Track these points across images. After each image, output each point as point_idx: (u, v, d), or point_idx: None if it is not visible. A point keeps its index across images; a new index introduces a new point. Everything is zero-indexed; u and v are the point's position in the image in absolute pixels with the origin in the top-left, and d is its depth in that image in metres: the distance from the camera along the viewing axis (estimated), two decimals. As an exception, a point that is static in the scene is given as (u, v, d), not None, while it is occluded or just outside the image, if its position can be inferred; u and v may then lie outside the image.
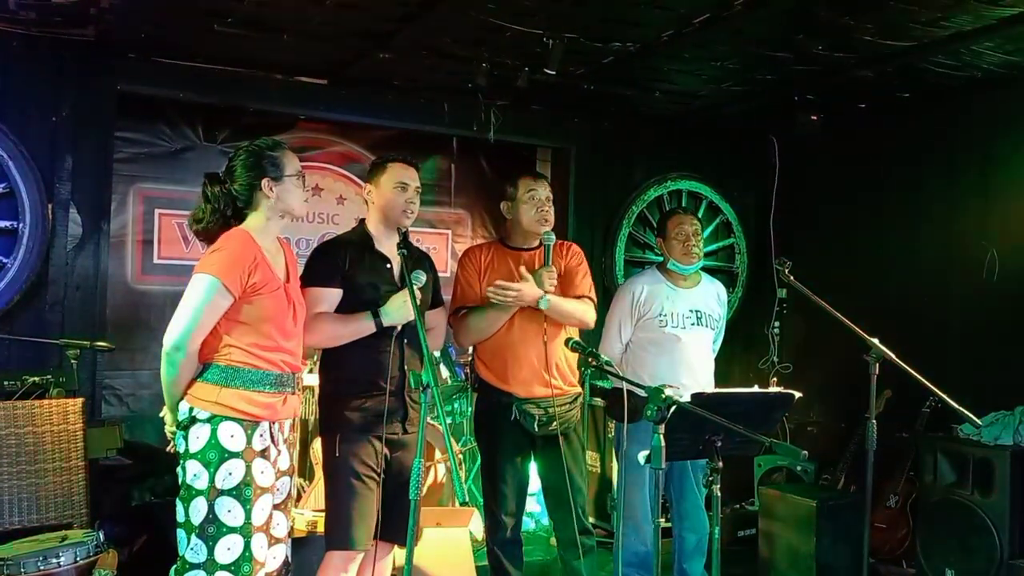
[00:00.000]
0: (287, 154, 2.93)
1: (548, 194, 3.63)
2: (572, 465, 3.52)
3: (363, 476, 3.09)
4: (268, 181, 2.85)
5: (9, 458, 3.15)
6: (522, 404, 3.50)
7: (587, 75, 4.81)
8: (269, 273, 2.83)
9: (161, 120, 5.43)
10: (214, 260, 2.74)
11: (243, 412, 2.76)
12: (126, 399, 5.37)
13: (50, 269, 4.46)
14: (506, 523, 3.56)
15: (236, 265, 2.73)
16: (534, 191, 3.61)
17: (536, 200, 3.60)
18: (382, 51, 4.44)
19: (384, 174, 3.26)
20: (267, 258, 2.85)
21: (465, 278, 3.64)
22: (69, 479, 3.26)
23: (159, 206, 5.49)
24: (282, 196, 2.88)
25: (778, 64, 4.52)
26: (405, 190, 3.22)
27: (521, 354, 3.51)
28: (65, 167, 4.50)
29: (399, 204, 3.21)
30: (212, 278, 2.71)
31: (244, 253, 2.77)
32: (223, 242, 2.80)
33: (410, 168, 3.29)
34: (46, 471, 3.22)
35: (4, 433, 3.15)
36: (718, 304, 4.18)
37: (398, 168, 3.26)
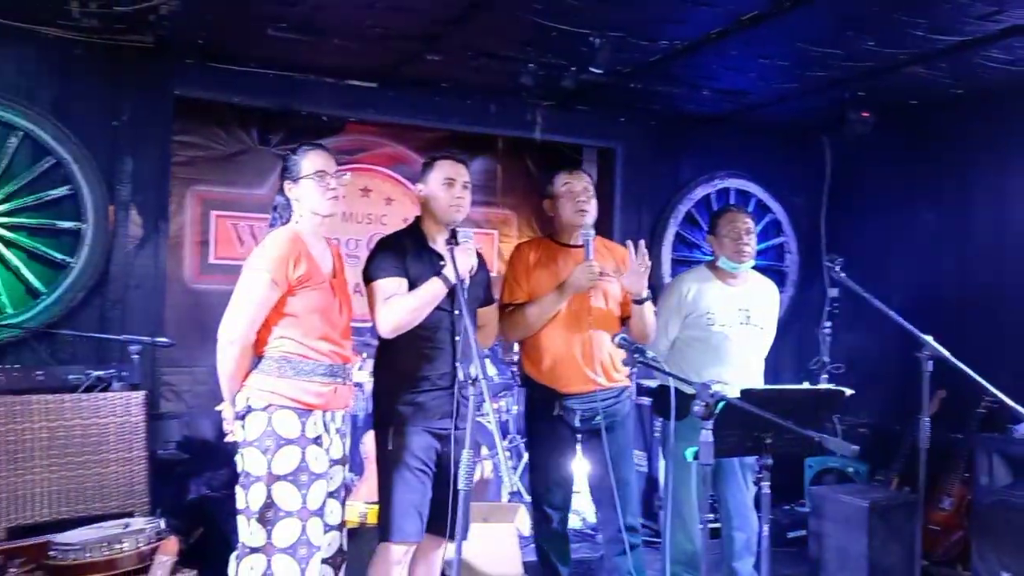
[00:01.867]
0: (307, 156, 3.00)
1: (585, 186, 3.65)
2: (617, 460, 3.54)
3: (415, 469, 3.15)
4: (288, 183, 2.98)
5: (75, 448, 3.27)
6: (565, 399, 3.54)
7: (634, 74, 4.82)
8: (314, 267, 2.93)
9: (217, 124, 5.57)
10: (260, 256, 2.86)
11: (297, 401, 2.85)
12: (184, 395, 5.51)
13: (112, 268, 4.60)
14: (552, 517, 3.60)
15: (282, 259, 2.84)
16: (569, 184, 3.64)
17: (572, 193, 3.63)
18: (430, 53, 4.51)
19: (433, 171, 3.31)
20: (312, 254, 2.94)
21: (512, 274, 3.68)
22: (131, 469, 3.37)
23: (215, 208, 5.64)
24: (302, 197, 2.98)
25: (828, 61, 4.49)
26: (452, 185, 3.26)
27: (565, 350, 3.54)
28: (125, 170, 4.64)
29: (447, 199, 3.25)
30: (260, 273, 2.82)
31: (289, 248, 2.87)
32: (269, 239, 2.92)
33: (458, 164, 3.32)
34: (109, 461, 3.33)
35: (71, 424, 3.27)
36: (770, 303, 4.15)
37: (446, 164, 3.30)
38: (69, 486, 3.26)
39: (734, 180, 6.16)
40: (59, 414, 3.28)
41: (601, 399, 3.53)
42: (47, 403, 3.28)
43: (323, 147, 3.06)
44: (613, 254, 3.74)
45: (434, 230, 3.32)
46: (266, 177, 5.71)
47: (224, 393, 2.93)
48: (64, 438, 3.27)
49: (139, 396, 3.46)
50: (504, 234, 6.43)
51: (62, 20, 4.20)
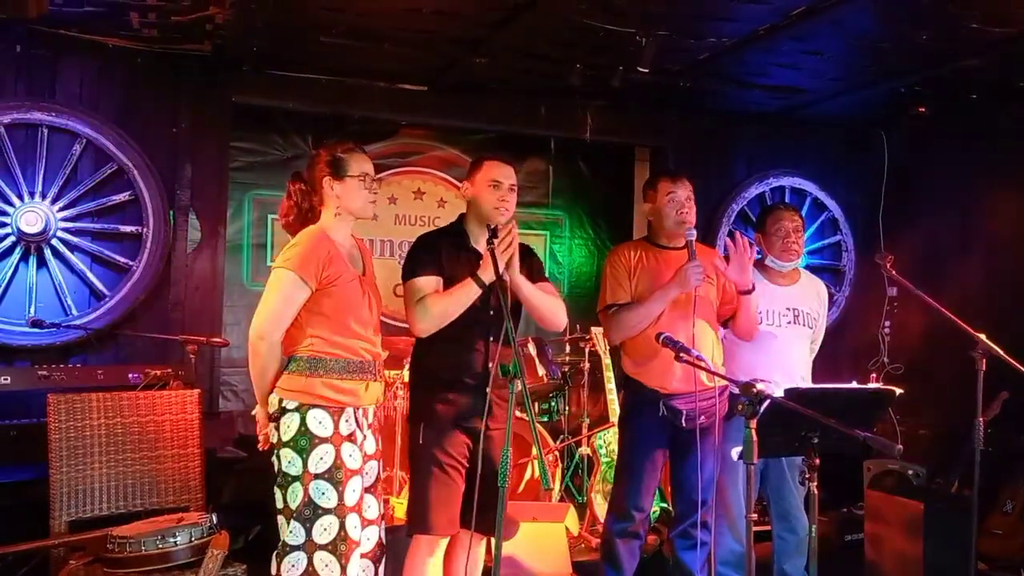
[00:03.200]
0: (355, 156, 3.04)
1: (688, 194, 3.67)
2: (709, 458, 3.54)
3: (445, 464, 3.17)
4: (330, 179, 2.99)
5: (133, 444, 3.38)
6: (670, 399, 3.54)
7: (682, 72, 4.79)
8: (343, 266, 2.96)
9: (272, 130, 5.70)
10: (290, 255, 2.90)
11: (329, 399, 2.90)
12: (242, 394, 5.63)
13: (172, 271, 4.75)
14: (633, 516, 3.61)
15: (311, 259, 2.88)
16: (673, 193, 3.66)
17: (676, 202, 3.65)
18: (477, 56, 4.55)
19: (479, 172, 3.32)
20: (341, 252, 2.98)
21: (614, 275, 3.70)
22: (186, 465, 3.47)
23: (272, 211, 5.75)
24: (343, 195, 3.00)
25: (881, 55, 4.41)
26: (498, 187, 3.26)
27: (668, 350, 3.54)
28: (185, 175, 4.79)
29: (491, 201, 3.25)
30: (289, 272, 2.87)
31: (318, 247, 2.91)
32: (298, 238, 2.97)
33: (505, 166, 3.33)
34: (165, 457, 3.44)
35: (129, 421, 3.39)
36: (818, 303, 4.10)
37: (493, 165, 3.31)
38: (127, 481, 3.37)
39: (788, 178, 6.07)
40: (117, 411, 3.39)
41: (704, 399, 3.55)
42: (106, 400, 3.39)
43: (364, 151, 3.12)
44: (708, 257, 3.75)
45: (477, 230, 3.34)
46: (321, 182, 5.81)
47: (256, 393, 2.98)
48: (122, 434, 3.38)
49: (194, 394, 3.56)
50: (555, 236, 6.44)
51: (123, 31, 4.35)
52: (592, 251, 6.52)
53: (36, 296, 4.44)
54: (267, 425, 2.95)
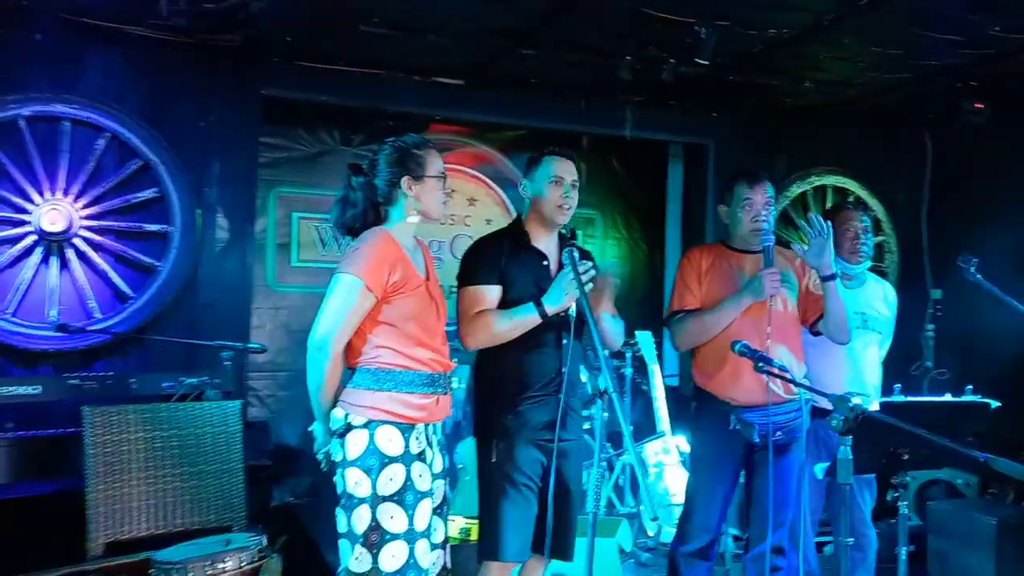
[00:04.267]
0: (431, 153, 2.84)
1: (766, 199, 3.44)
2: (785, 478, 3.32)
3: (520, 484, 2.97)
4: (409, 180, 2.77)
5: (172, 460, 3.16)
6: (742, 413, 3.34)
7: (734, 65, 4.59)
8: (410, 271, 2.75)
9: (299, 124, 5.48)
10: (355, 259, 2.68)
11: (399, 415, 2.69)
12: (266, 400, 5.44)
13: (200, 272, 4.54)
14: (700, 536, 3.39)
15: (377, 264, 2.66)
16: (750, 200, 3.44)
17: (752, 209, 3.43)
18: (525, 48, 4.34)
19: (539, 168, 3.13)
20: (407, 257, 2.78)
21: (683, 280, 3.50)
22: (229, 481, 3.25)
23: (297, 209, 5.55)
24: (421, 196, 2.79)
25: (946, 48, 4.21)
26: (560, 184, 3.08)
27: (741, 359, 3.33)
28: (212, 172, 4.58)
29: (554, 199, 3.07)
30: (355, 278, 2.65)
31: (385, 252, 2.70)
32: (363, 241, 2.74)
33: (567, 161, 3.14)
34: (207, 473, 3.21)
35: (167, 435, 3.17)
36: (885, 306, 3.91)
37: (554, 161, 3.12)
38: (166, 499, 3.15)
39: (831, 177, 5.88)
40: (155, 424, 3.16)
41: (780, 413, 3.32)
42: (143, 413, 3.17)
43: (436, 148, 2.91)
44: (790, 262, 3.54)
45: (538, 230, 3.15)
46: (349, 178, 5.61)
47: (316, 407, 2.74)
48: (161, 449, 3.15)
49: (235, 405, 3.34)
50: (588, 235, 6.23)
51: (151, 19, 4.14)
52: (625, 250, 6.32)
53: (59, 298, 4.22)
54: (326, 440, 2.74)
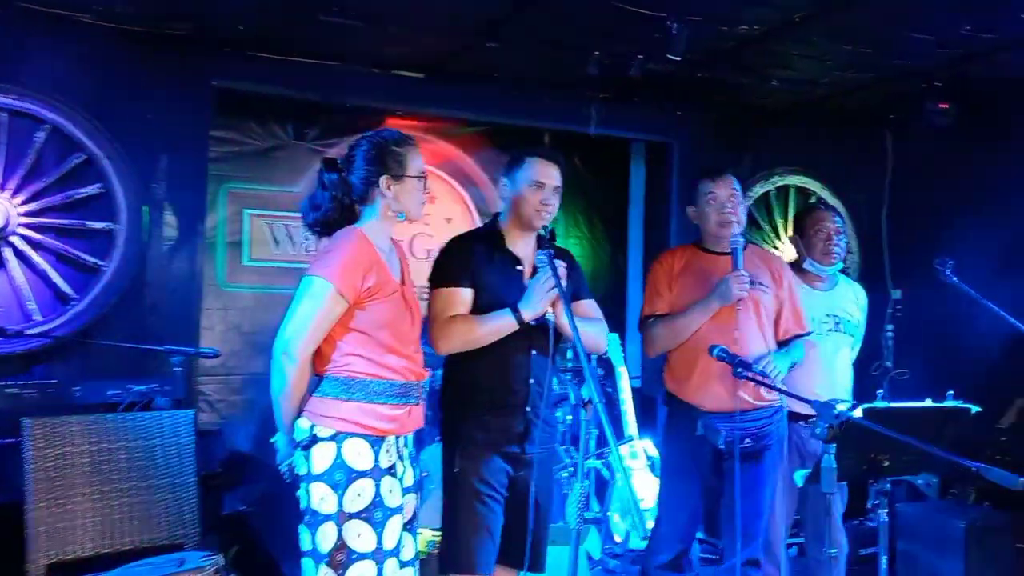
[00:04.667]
0: (412, 151, 2.70)
1: (731, 192, 3.36)
2: (755, 487, 3.24)
3: (484, 495, 2.86)
4: (388, 178, 2.63)
5: (120, 474, 2.96)
6: (709, 418, 3.23)
7: (704, 62, 4.49)
8: (385, 276, 2.61)
9: (251, 118, 5.24)
10: (328, 262, 2.53)
11: (369, 427, 2.54)
12: (217, 405, 5.21)
13: (147, 272, 4.31)
14: (670, 547, 3.29)
15: (351, 268, 2.52)
16: (713, 194, 3.35)
17: (717, 203, 3.34)
18: (490, 41, 4.19)
19: (521, 170, 3.01)
20: (383, 260, 2.63)
21: (654, 284, 3.43)
22: (181, 496, 3.06)
23: (248, 206, 5.32)
24: (400, 196, 2.65)
25: (918, 48, 4.16)
26: (541, 188, 2.97)
27: (709, 364, 3.23)
28: (160, 167, 4.34)
29: (533, 203, 2.96)
30: (326, 281, 2.50)
31: (359, 254, 2.55)
32: (336, 242, 2.59)
33: (551, 165, 3.02)
34: (157, 487, 3.01)
35: (114, 447, 2.96)
36: (857, 308, 3.86)
37: (537, 164, 3.00)
38: (114, 516, 2.94)
39: (794, 177, 5.84)
40: (101, 435, 2.96)
41: (749, 420, 3.23)
42: (88, 423, 2.96)
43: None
44: (768, 264, 3.46)
45: (515, 233, 3.03)
46: (302, 174, 5.40)
47: (279, 418, 2.59)
48: (107, 462, 2.95)
49: (188, 415, 3.14)
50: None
51: (96, 6, 3.90)
52: (587, 250, 6.20)
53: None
54: (290, 451, 2.58)
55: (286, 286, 5.31)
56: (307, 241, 5.38)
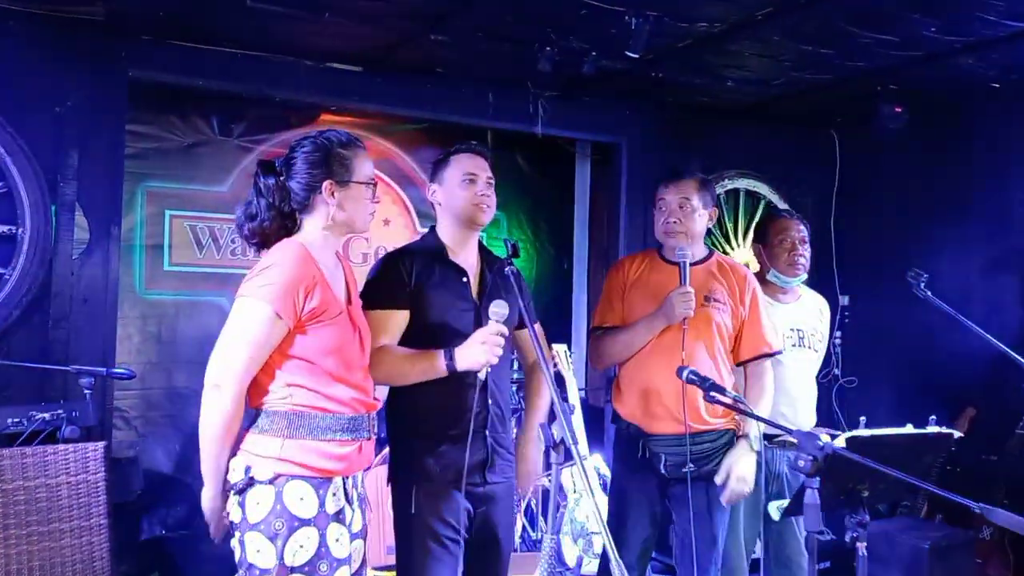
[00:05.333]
0: (360, 154, 2.41)
1: (682, 199, 3.13)
2: (706, 514, 3.03)
3: (444, 537, 2.60)
4: (331, 184, 2.34)
5: (18, 518, 2.59)
6: (650, 440, 3.01)
7: (657, 61, 4.28)
8: (330, 295, 2.31)
9: (172, 111, 4.89)
10: (263, 281, 2.23)
11: (313, 468, 2.25)
12: (134, 422, 4.83)
13: (53, 280, 3.91)
14: None
15: (290, 287, 2.22)
16: (662, 200, 3.13)
17: (663, 210, 3.12)
18: (435, 33, 3.91)
19: (448, 168, 2.78)
20: (326, 277, 2.33)
21: (606, 293, 3.22)
22: (90, 540, 2.70)
23: (169, 207, 4.95)
24: (345, 204, 2.36)
25: (878, 49, 4.01)
26: (474, 182, 2.75)
27: (655, 383, 3.03)
28: (70, 164, 3.94)
29: (469, 199, 2.72)
30: (261, 303, 2.20)
31: (299, 272, 2.25)
32: (273, 257, 2.28)
33: (477, 157, 2.81)
34: (62, 532, 2.65)
35: (11, 487, 2.59)
36: (821, 322, 3.69)
37: (464, 159, 2.78)
38: (11, 566, 2.57)
39: (744, 180, 5.69)
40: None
41: (693, 443, 3.01)
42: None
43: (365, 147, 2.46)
44: (730, 276, 3.22)
45: (455, 240, 2.77)
46: (227, 172, 5.06)
47: (207, 463, 2.25)
48: (1, 506, 2.58)
49: (98, 448, 2.78)
50: (492, 237, 5.84)
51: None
52: (532, 253, 5.97)
53: None
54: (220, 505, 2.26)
55: (210, 292, 5.00)
56: (234, 244, 5.04)
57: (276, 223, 2.38)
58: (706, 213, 3.17)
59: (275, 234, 2.38)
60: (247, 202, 2.40)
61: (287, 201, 2.37)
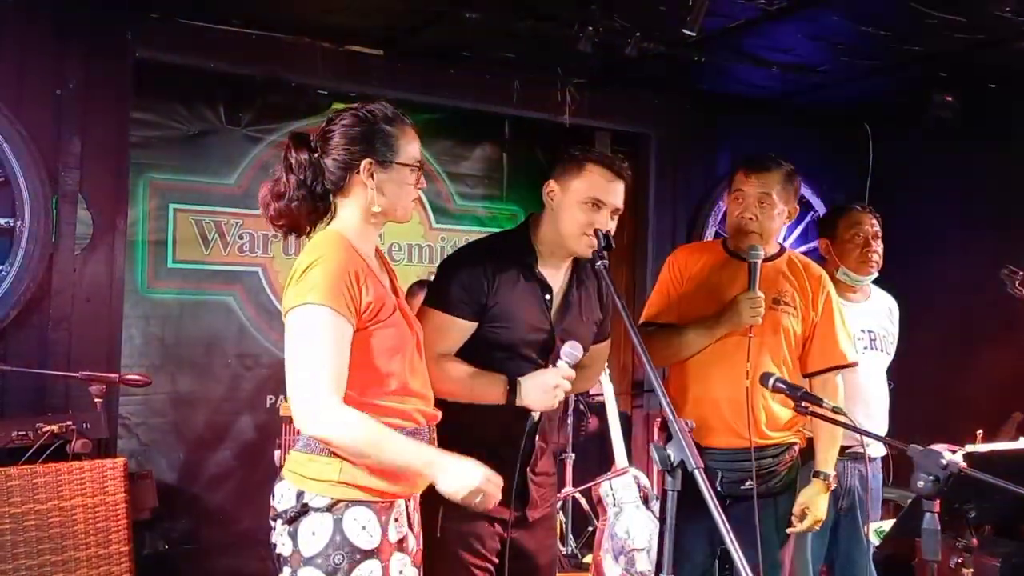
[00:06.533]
0: (407, 133, 2.10)
1: (763, 193, 2.83)
2: (770, 535, 2.74)
3: (471, 566, 2.35)
4: (371, 163, 2.04)
5: (28, 546, 2.27)
6: (706, 455, 2.73)
7: (700, 44, 4.01)
8: (381, 289, 2.03)
9: (176, 98, 4.56)
10: (308, 285, 1.92)
11: (376, 491, 1.96)
12: (135, 429, 4.51)
13: (54, 277, 3.62)
14: None
15: (339, 282, 1.93)
16: (740, 191, 2.84)
17: (739, 202, 2.83)
18: (468, 10, 3.62)
19: (578, 178, 2.40)
20: (373, 270, 2.05)
21: (659, 287, 2.93)
22: (109, 571, 2.39)
23: (174, 200, 4.62)
24: (385, 187, 2.06)
25: (939, 31, 3.77)
26: (598, 209, 2.37)
27: (714, 393, 2.75)
28: (72, 151, 3.68)
29: (580, 224, 2.36)
30: (315, 308, 1.90)
31: (345, 264, 1.96)
32: (311, 255, 1.98)
33: (617, 180, 2.40)
34: (78, 562, 2.34)
35: (21, 511, 2.28)
36: (891, 322, 3.43)
37: (600, 177, 2.38)
38: (21, 602, 2.28)
39: (775, 173, 5.44)
40: (4, 497, 2.28)
41: (755, 459, 2.72)
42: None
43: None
44: (802, 277, 2.92)
45: (548, 252, 2.45)
46: (235, 164, 4.74)
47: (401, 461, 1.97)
48: (11, 531, 2.27)
49: (117, 465, 2.48)
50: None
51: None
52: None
53: None
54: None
55: (216, 291, 4.71)
56: (241, 240, 4.73)
57: (307, 205, 2.08)
58: (786, 211, 2.89)
59: (305, 217, 2.09)
60: (275, 179, 2.10)
61: (320, 180, 2.07)
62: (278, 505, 1.95)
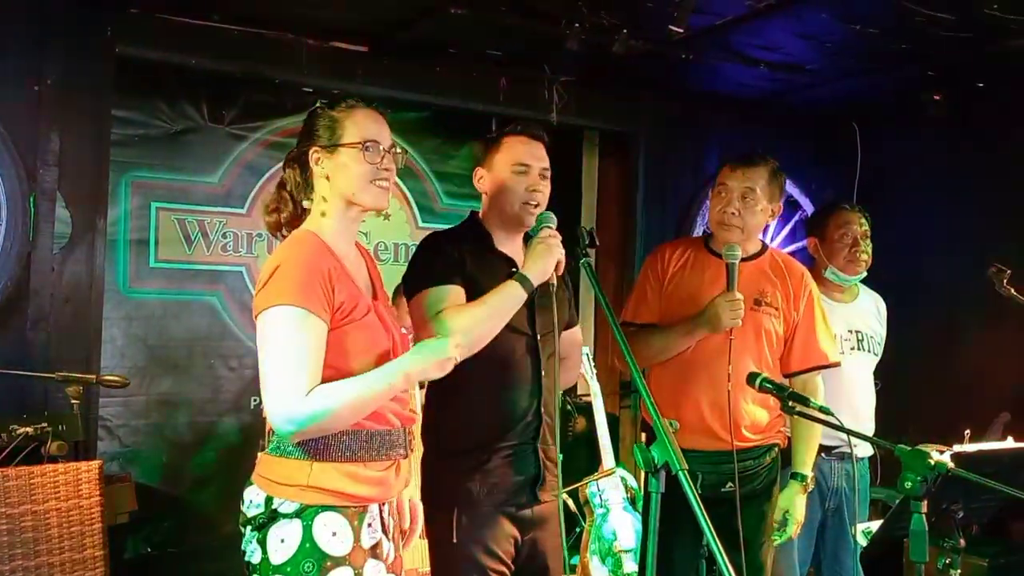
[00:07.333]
0: (354, 115, 1.99)
1: (747, 188, 2.80)
2: (752, 538, 2.70)
3: (489, 570, 2.29)
4: (316, 151, 1.97)
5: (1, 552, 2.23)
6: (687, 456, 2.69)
7: (688, 41, 3.98)
8: (354, 289, 1.96)
9: (158, 95, 4.51)
10: (277, 286, 1.86)
11: (347, 495, 1.90)
12: (116, 431, 4.46)
13: (32, 277, 3.55)
14: None
15: (310, 280, 1.86)
16: (724, 186, 2.81)
17: (722, 197, 2.80)
18: (455, 6, 3.58)
19: (499, 152, 2.42)
20: (347, 268, 1.99)
21: (640, 286, 2.88)
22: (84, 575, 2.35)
23: (156, 199, 4.57)
24: (335, 174, 1.97)
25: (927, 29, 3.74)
26: (526, 172, 2.38)
27: (694, 394, 2.72)
28: (50, 148, 3.60)
29: (518, 193, 2.37)
30: (285, 308, 1.83)
31: (314, 262, 1.90)
32: (279, 256, 1.92)
33: (534, 142, 2.43)
34: (52, 567, 2.29)
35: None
36: (879, 323, 3.41)
37: (517, 144, 2.41)
38: (-8, 609, 2.23)
39: (763, 173, 5.42)
40: (-26, 500, 2.24)
41: (736, 460, 2.68)
42: (-44, 484, 2.23)
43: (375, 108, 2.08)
44: (784, 276, 2.88)
45: (501, 233, 2.44)
46: (218, 162, 4.69)
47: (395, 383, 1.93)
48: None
49: (92, 468, 2.42)
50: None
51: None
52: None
53: None
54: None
55: (199, 291, 4.66)
56: (224, 240, 4.69)
57: (292, 212, 2.05)
58: (770, 208, 2.85)
59: (293, 224, 2.06)
60: (277, 187, 2.08)
61: (302, 189, 2.04)
62: (247, 511, 1.90)
